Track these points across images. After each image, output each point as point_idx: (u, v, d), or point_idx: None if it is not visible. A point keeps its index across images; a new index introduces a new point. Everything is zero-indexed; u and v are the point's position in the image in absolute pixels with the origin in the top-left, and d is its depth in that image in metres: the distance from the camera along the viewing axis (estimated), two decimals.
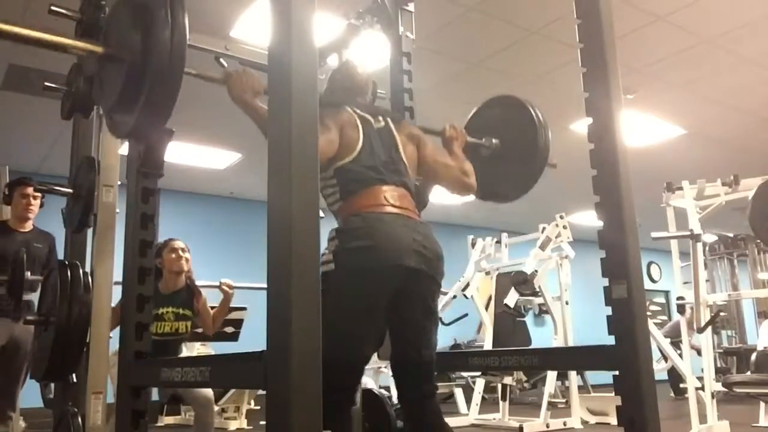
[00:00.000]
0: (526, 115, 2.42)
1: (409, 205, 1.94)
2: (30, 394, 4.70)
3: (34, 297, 3.74)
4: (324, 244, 1.84)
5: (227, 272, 4.53)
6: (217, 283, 3.57)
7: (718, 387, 4.73)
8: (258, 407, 6.33)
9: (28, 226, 3.79)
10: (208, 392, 3.26)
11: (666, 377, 7.79)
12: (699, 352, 4.63)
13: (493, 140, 2.46)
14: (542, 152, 2.38)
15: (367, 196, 1.88)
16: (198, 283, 3.52)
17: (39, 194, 3.66)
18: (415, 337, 1.93)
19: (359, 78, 2.19)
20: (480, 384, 6.00)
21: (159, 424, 6.13)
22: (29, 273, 3.67)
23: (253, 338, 1.71)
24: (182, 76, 1.37)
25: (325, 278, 1.72)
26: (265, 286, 1.15)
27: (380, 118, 2.09)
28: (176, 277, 3.37)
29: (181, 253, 3.38)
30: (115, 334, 2.03)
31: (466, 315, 6.26)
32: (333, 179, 1.93)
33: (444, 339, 1.97)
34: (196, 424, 3.29)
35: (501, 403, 5.66)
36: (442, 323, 5.70)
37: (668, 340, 5.53)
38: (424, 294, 1.92)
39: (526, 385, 7.57)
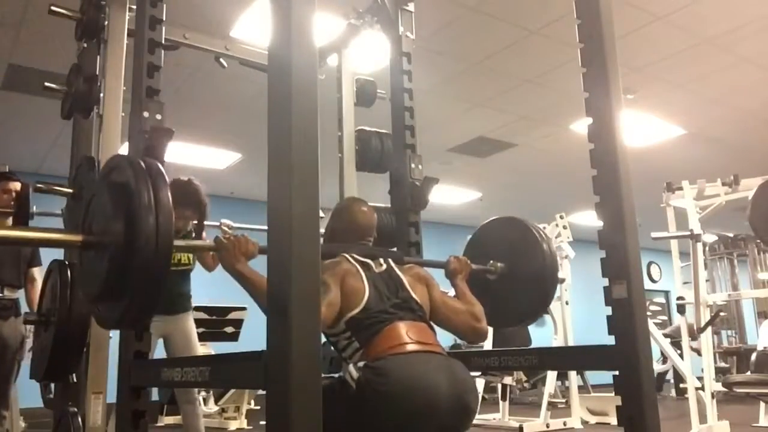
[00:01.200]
0: (529, 235, 2.35)
1: (431, 340, 1.81)
2: (30, 394, 4.70)
3: (19, 294, 3.75)
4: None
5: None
6: (218, 224, 3.58)
7: (718, 387, 4.73)
8: (258, 407, 6.33)
9: (11, 223, 3.74)
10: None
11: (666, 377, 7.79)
12: (699, 353, 4.63)
13: (498, 264, 2.36)
14: (551, 270, 2.30)
15: (387, 336, 1.74)
16: None
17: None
18: None
19: (362, 219, 2.08)
20: (480, 384, 5.99)
21: (159, 424, 6.13)
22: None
23: (253, 338, 1.70)
24: (170, 264, 1.30)
25: (342, 387, 1.64)
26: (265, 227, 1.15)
27: (381, 261, 1.98)
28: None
29: None
30: (115, 334, 2.03)
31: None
32: (347, 332, 1.79)
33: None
34: (183, 417, 3.29)
35: (501, 403, 5.66)
36: None
37: (668, 340, 5.53)
38: None
39: (526, 385, 7.57)
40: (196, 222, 3.42)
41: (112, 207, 1.32)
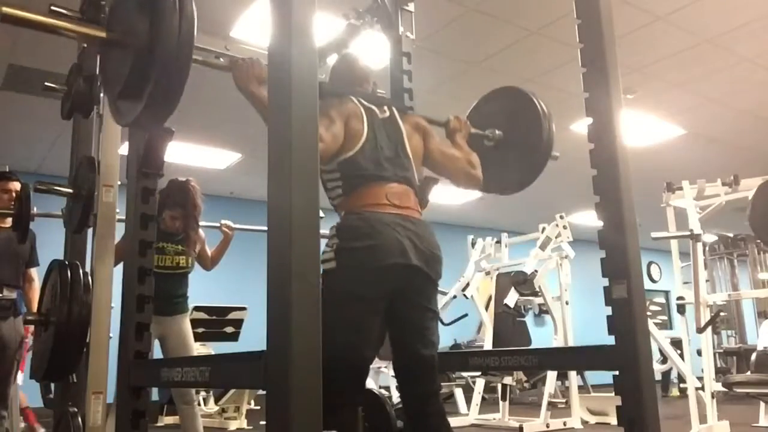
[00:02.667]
0: (530, 106, 2.40)
1: (411, 204, 1.94)
2: (30, 394, 4.70)
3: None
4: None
5: (227, 271, 4.53)
6: (218, 224, 3.59)
7: (718, 387, 4.73)
8: (258, 407, 6.33)
9: (10, 222, 3.72)
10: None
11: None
12: (699, 352, 4.63)
13: (497, 131, 2.43)
14: (546, 143, 2.36)
15: (369, 194, 1.88)
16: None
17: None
18: (414, 337, 1.93)
19: (360, 69, 2.18)
20: (480, 384, 6.00)
21: (159, 424, 6.14)
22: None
23: (253, 338, 1.71)
24: (190, 64, 1.34)
25: (326, 276, 1.73)
26: (265, 228, 1.17)
27: (385, 108, 2.07)
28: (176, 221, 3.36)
29: None
30: (115, 334, 2.03)
31: (466, 315, 6.26)
32: (336, 173, 1.92)
33: (444, 339, 1.99)
34: (181, 418, 3.30)
35: (501, 403, 5.66)
36: (442, 323, 5.69)
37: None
38: (421, 293, 1.92)
39: (526, 385, 7.57)
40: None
41: (137, 7, 1.37)
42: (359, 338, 1.81)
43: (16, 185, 3.59)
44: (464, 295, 5.87)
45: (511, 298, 6.00)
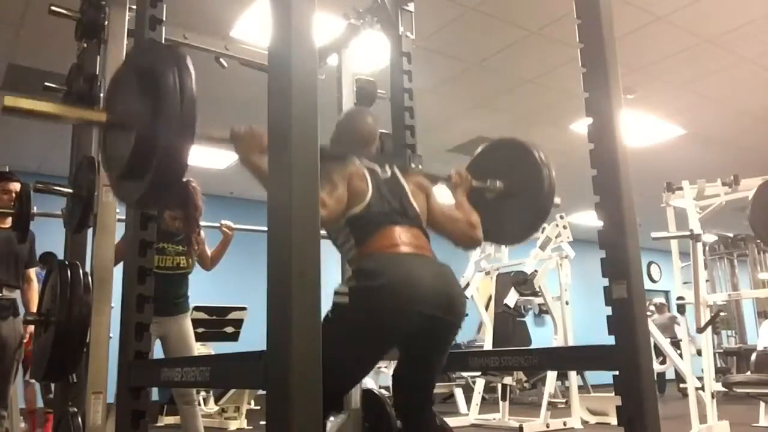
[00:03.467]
0: (530, 157, 2.38)
1: (424, 244, 1.92)
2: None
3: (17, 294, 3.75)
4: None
5: (227, 271, 4.53)
6: (218, 224, 3.60)
7: (718, 387, 4.73)
8: (258, 407, 6.33)
9: (10, 223, 3.72)
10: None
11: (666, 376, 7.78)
12: (699, 352, 4.63)
13: (498, 183, 2.41)
14: (548, 193, 2.34)
15: (382, 237, 1.85)
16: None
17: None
18: (423, 370, 1.95)
19: (366, 129, 2.15)
20: (480, 384, 5.99)
21: (159, 424, 6.13)
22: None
23: (253, 338, 1.70)
24: (192, 145, 1.33)
25: (337, 309, 1.73)
26: (266, 228, 1.17)
27: (387, 168, 2.07)
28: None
29: None
30: (115, 334, 2.03)
31: (466, 315, 6.25)
32: (346, 228, 1.91)
33: None
34: (182, 418, 3.30)
35: (501, 403, 5.66)
36: None
37: (668, 340, 5.53)
38: (439, 339, 1.90)
39: (526, 385, 7.56)
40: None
41: (137, 89, 1.35)
42: (356, 369, 1.83)
43: (16, 185, 3.58)
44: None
45: (511, 298, 6.01)
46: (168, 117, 1.27)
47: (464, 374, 7.05)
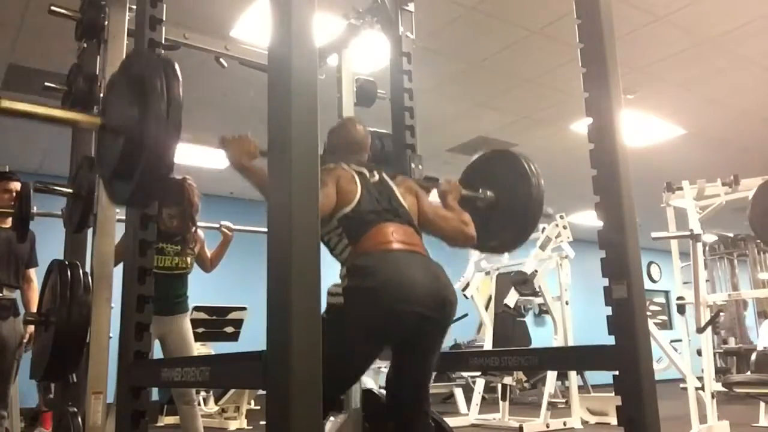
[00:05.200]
0: (519, 168, 2.43)
1: (416, 242, 1.94)
2: (30, 394, 4.71)
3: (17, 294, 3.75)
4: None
5: (227, 271, 4.53)
6: (217, 225, 3.60)
7: (718, 387, 4.73)
8: (258, 407, 6.33)
9: (10, 223, 3.71)
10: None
11: (664, 377, 7.77)
12: (699, 352, 4.63)
13: (488, 192, 2.46)
14: (536, 203, 2.39)
15: (375, 235, 1.88)
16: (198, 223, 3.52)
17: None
18: (415, 372, 1.97)
19: (357, 136, 2.21)
20: (480, 384, 5.99)
21: (159, 424, 6.13)
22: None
23: (253, 338, 1.71)
24: (176, 147, 1.38)
25: (331, 309, 1.75)
26: (266, 229, 1.18)
27: (375, 173, 2.11)
28: None
29: None
30: (115, 334, 2.03)
31: (466, 315, 6.26)
32: (338, 228, 1.93)
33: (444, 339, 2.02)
34: (181, 419, 3.29)
35: (501, 403, 5.66)
36: None
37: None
38: (430, 339, 1.92)
39: (526, 385, 7.57)
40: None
41: (128, 93, 1.44)
42: (353, 367, 1.85)
43: (16, 185, 3.58)
44: (464, 295, 5.87)
45: (511, 298, 6.00)
46: (155, 120, 1.34)
47: (464, 374, 7.04)
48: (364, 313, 1.75)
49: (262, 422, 1.14)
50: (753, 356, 5.95)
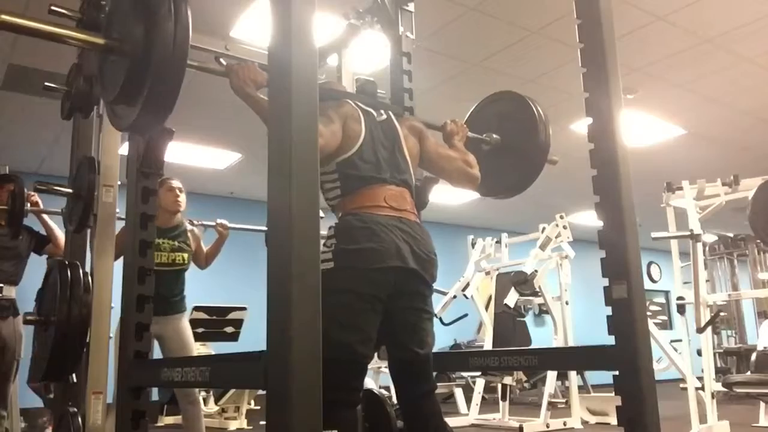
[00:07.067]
0: (527, 111, 2.41)
1: (407, 206, 1.96)
2: (30, 394, 4.70)
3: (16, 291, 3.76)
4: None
5: (227, 271, 4.53)
6: (213, 223, 3.61)
7: (718, 387, 4.73)
8: (258, 407, 6.33)
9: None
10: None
11: (664, 377, 7.77)
12: (699, 352, 4.63)
13: (494, 135, 2.45)
14: (543, 147, 2.37)
15: (368, 195, 1.90)
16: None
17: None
18: (410, 338, 1.94)
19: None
20: (480, 384, 5.99)
21: (159, 424, 6.14)
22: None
23: (253, 338, 1.71)
24: (185, 69, 1.35)
25: (324, 275, 1.73)
26: (265, 228, 1.16)
27: (382, 111, 2.10)
28: (172, 216, 3.35)
29: (178, 192, 3.36)
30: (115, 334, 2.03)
31: (466, 315, 6.26)
32: (335, 173, 1.94)
33: (444, 339, 1.99)
34: (184, 418, 3.29)
35: (501, 403, 5.66)
36: (442, 323, 5.70)
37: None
38: (417, 295, 1.94)
39: (526, 385, 7.56)
40: (196, 220, 3.43)
41: (133, 14, 1.39)
42: (356, 336, 1.81)
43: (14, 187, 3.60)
44: (464, 295, 5.86)
45: (511, 298, 6.00)
46: (162, 40, 1.31)
47: (464, 374, 7.05)
48: (355, 270, 1.79)
49: (262, 422, 1.14)
50: (753, 356, 5.95)
